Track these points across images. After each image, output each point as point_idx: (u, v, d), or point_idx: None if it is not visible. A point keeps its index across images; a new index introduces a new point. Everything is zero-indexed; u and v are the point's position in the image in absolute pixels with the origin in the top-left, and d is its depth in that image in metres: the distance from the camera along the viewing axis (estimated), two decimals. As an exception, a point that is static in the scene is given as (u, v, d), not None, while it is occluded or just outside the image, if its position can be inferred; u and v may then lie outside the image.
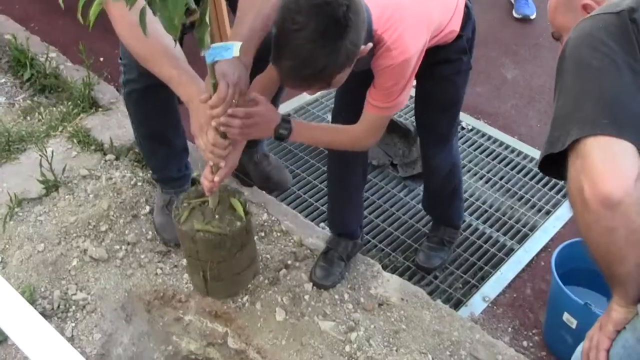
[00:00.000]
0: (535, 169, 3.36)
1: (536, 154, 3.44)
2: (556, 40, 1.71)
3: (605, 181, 1.27)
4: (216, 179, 2.08)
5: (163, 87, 2.23)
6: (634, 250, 1.32)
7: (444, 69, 2.29)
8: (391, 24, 1.90)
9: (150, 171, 2.88)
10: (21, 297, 1.29)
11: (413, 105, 2.51)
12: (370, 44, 1.85)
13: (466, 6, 2.20)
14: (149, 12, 1.55)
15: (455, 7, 2.14)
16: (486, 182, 3.31)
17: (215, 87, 1.86)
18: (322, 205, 3.11)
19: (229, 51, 1.79)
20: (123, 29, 2.04)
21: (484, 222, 3.09)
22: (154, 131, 2.64)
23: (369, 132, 2.12)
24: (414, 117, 2.63)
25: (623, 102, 1.32)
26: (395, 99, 2.02)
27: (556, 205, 3.17)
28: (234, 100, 1.92)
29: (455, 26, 2.16)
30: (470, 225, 3.07)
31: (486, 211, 3.15)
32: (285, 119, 2.09)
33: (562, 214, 3.12)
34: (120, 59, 2.46)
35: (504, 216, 3.12)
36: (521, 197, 3.22)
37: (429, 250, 2.84)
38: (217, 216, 2.25)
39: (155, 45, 1.99)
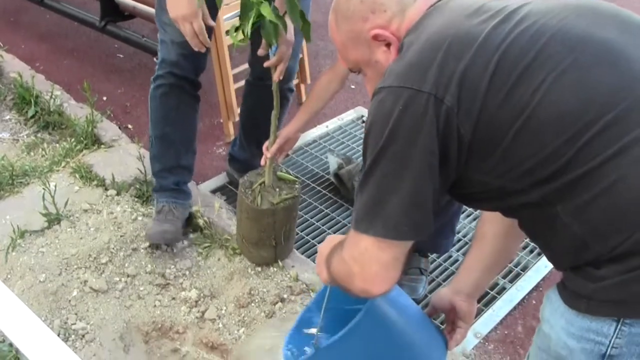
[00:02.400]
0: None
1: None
2: (357, 73, 1.65)
3: (375, 286, 1.43)
4: (269, 155, 2.64)
5: (187, 93, 2.76)
6: None
7: None
8: None
9: (153, 179, 3.04)
10: (40, 321, 1.35)
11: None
12: None
13: None
14: None
15: None
16: (474, 219, 3.36)
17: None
18: (319, 243, 3.16)
19: None
20: None
21: (477, 261, 3.14)
22: (167, 134, 2.82)
23: None
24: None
25: (421, 203, 1.33)
26: None
27: (547, 245, 3.22)
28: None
29: None
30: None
31: (479, 250, 3.20)
32: None
33: (553, 254, 3.17)
34: (156, 58, 2.74)
35: (496, 255, 3.17)
36: (513, 238, 3.27)
37: (410, 283, 2.89)
38: (277, 189, 2.67)
39: None
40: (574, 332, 1.33)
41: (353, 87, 4.35)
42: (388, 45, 1.49)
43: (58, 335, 2.46)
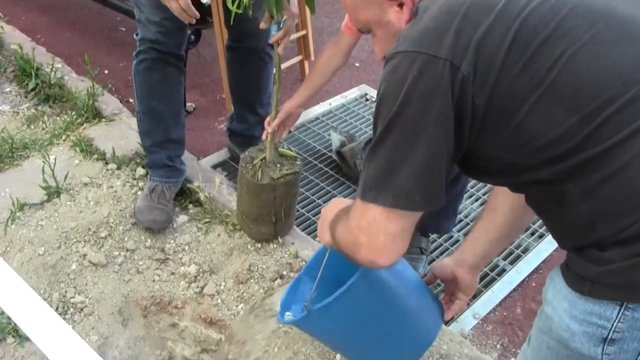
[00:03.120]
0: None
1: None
2: (367, 34, 1.62)
3: (382, 258, 1.39)
4: (269, 130, 2.60)
5: (170, 65, 2.73)
6: None
7: None
8: None
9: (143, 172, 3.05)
10: (37, 295, 1.34)
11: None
12: None
13: None
14: None
15: None
16: (481, 205, 3.36)
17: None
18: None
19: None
20: None
21: (477, 242, 3.13)
22: (154, 108, 2.81)
23: None
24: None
25: (433, 172, 1.30)
26: None
27: (549, 227, 3.21)
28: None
29: None
30: (463, 244, 3.12)
31: (479, 231, 3.19)
32: None
33: (555, 236, 3.16)
34: (136, 35, 2.71)
35: (497, 236, 3.16)
36: (514, 219, 3.26)
37: (410, 262, 2.88)
38: (278, 164, 2.66)
39: None
40: (577, 315, 1.31)
41: (357, 65, 4.33)
42: (400, 5, 1.45)
43: (56, 309, 2.47)
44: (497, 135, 1.28)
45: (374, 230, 1.36)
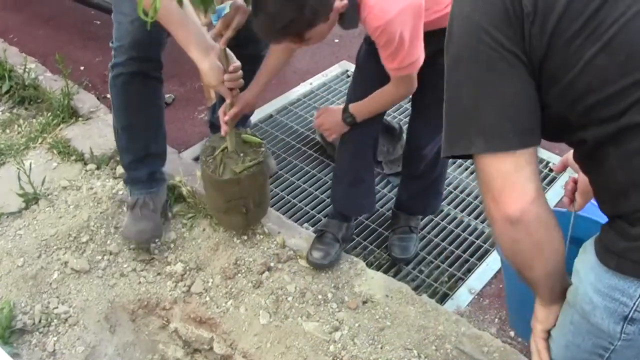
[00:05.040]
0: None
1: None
2: None
3: (504, 202, 1.29)
4: (227, 118, 2.40)
5: (149, 78, 2.51)
6: (539, 259, 1.36)
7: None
8: None
9: (123, 171, 2.86)
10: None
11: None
12: (345, 1, 1.99)
13: None
14: None
15: None
16: (471, 174, 3.29)
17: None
18: (306, 206, 3.10)
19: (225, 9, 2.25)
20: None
21: (469, 214, 3.07)
22: (133, 123, 2.62)
23: (400, 88, 2.29)
24: (398, 115, 2.62)
25: (522, 106, 1.27)
26: (406, 59, 2.13)
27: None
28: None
29: None
30: (455, 217, 3.06)
31: (471, 203, 3.13)
32: (345, 109, 2.42)
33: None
34: (112, 42, 2.50)
35: (489, 207, 3.10)
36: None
37: (401, 242, 2.84)
38: (241, 154, 2.50)
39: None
40: (601, 289, 1.30)
41: (337, 40, 4.23)
42: None
43: (39, 322, 2.41)
44: (551, 86, 1.27)
45: (487, 178, 1.31)
